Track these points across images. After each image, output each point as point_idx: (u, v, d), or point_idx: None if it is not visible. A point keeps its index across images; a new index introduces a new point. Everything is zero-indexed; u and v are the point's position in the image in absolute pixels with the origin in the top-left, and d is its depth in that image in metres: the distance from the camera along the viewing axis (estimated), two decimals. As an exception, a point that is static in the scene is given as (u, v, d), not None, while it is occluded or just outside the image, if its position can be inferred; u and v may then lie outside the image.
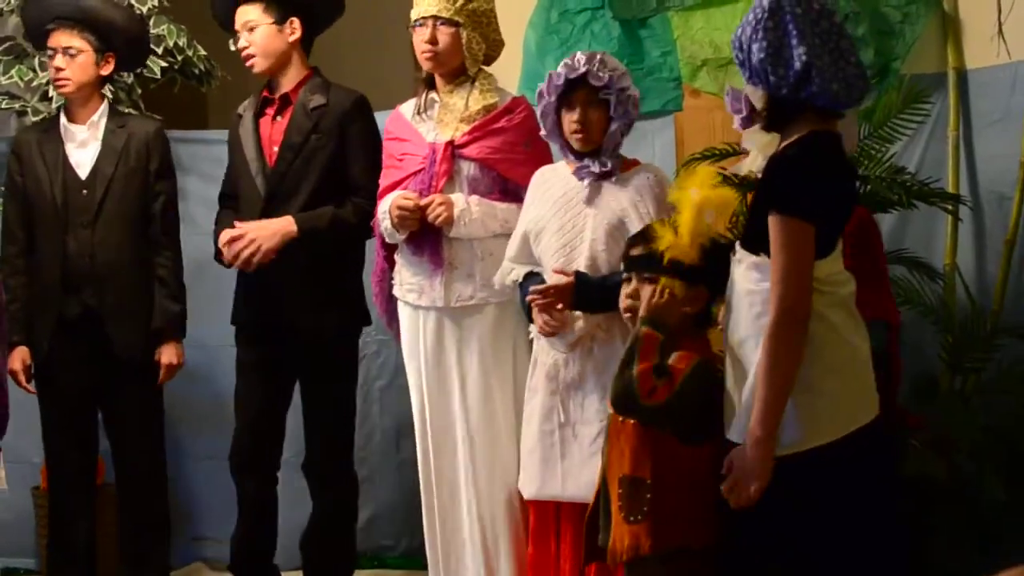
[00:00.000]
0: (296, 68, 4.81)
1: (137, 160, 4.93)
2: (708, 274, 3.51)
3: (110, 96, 5.40)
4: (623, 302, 3.62)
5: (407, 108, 4.61)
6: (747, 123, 3.73)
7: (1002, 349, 4.69)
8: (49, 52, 4.90)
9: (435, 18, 4.41)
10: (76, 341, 4.85)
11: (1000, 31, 4.76)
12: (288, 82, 4.80)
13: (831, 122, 3.34)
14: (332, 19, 4.95)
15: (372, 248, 4.81)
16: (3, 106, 5.90)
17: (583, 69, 4.04)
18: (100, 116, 4.96)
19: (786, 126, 3.32)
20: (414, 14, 4.48)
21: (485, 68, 4.52)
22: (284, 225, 4.65)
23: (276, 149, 4.74)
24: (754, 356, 3.26)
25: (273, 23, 4.74)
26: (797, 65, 3.22)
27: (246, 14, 4.75)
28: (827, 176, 3.30)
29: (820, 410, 3.24)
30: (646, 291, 3.54)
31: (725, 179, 3.73)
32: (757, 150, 3.38)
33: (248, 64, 4.80)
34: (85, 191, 4.87)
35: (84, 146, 4.94)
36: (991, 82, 4.90)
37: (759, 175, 3.41)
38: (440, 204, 4.33)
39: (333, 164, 4.72)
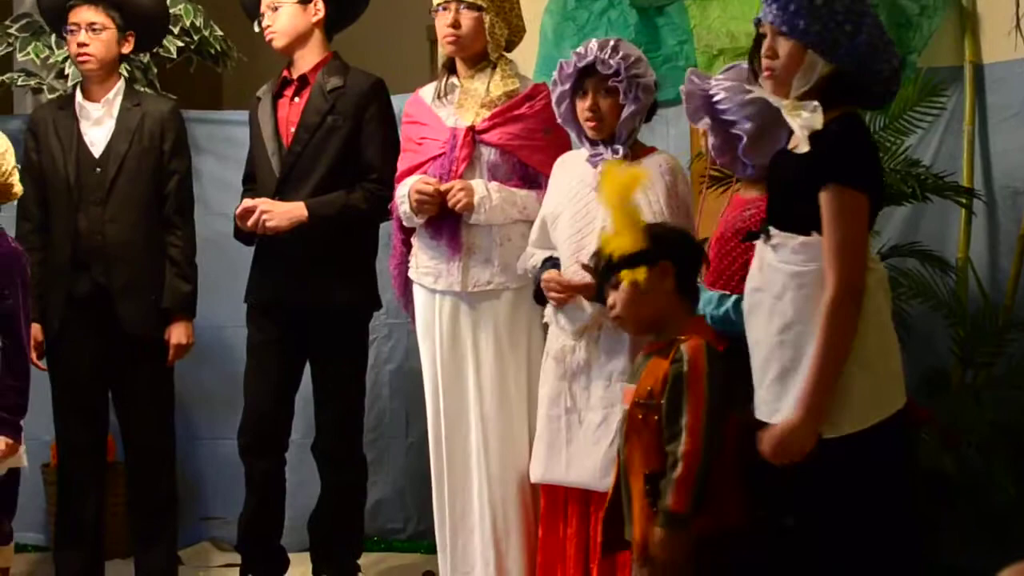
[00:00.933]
0: (316, 49, 4.83)
1: (151, 139, 4.93)
2: (662, 247, 3.53)
3: (126, 75, 5.41)
4: (609, 313, 3.66)
5: (427, 92, 4.61)
6: (697, 117, 3.80)
7: (1013, 344, 4.69)
8: (71, 28, 4.88)
9: (458, 2, 4.41)
10: (86, 319, 4.86)
11: (1017, 25, 4.75)
12: (307, 63, 4.82)
13: (856, 107, 3.39)
14: (357, 10, 4.97)
15: (388, 231, 4.82)
16: (19, 83, 5.94)
17: (592, 57, 4.05)
18: (116, 94, 4.96)
19: (828, 106, 3.32)
20: None
21: (506, 54, 4.52)
22: (295, 209, 4.67)
23: (293, 130, 4.77)
24: (807, 338, 3.24)
25: (297, 2, 4.76)
26: (896, 62, 3.33)
27: None
28: (874, 152, 3.35)
29: (874, 390, 3.24)
30: (614, 297, 3.57)
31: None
32: (819, 124, 3.34)
33: (268, 40, 4.82)
34: (98, 169, 4.87)
35: (99, 124, 4.94)
36: (1008, 76, 4.89)
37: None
38: (460, 190, 4.33)
39: (348, 146, 4.74)
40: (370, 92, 4.79)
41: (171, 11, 5.75)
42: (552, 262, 4.17)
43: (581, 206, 4.13)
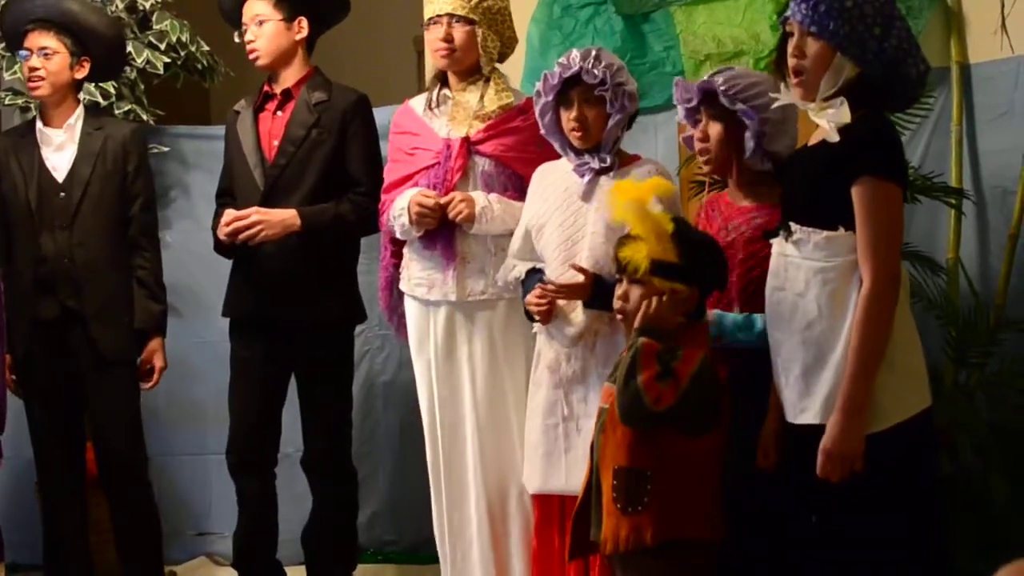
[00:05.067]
0: (298, 65, 4.83)
1: (114, 162, 4.93)
2: (695, 272, 3.50)
3: (113, 91, 5.42)
4: (615, 303, 3.62)
5: (417, 103, 4.61)
6: (691, 115, 3.82)
7: (1006, 343, 4.69)
8: (24, 53, 4.91)
9: (450, 16, 4.41)
10: (52, 342, 4.86)
11: (1003, 25, 4.75)
12: (290, 78, 4.82)
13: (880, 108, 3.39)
14: (337, 19, 4.97)
15: (369, 242, 4.81)
16: (6, 102, 5.93)
17: (577, 67, 4.05)
18: (76, 119, 4.96)
19: (855, 107, 3.32)
20: (428, 12, 4.48)
21: (498, 66, 4.52)
22: (288, 217, 4.66)
23: (276, 144, 4.76)
24: (832, 334, 3.24)
25: (282, 20, 4.76)
26: (923, 67, 3.32)
27: (255, 8, 4.77)
28: (902, 147, 3.35)
29: (901, 388, 3.24)
30: (635, 292, 3.53)
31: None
32: (847, 118, 3.34)
33: (252, 58, 4.82)
34: (62, 194, 4.88)
35: (61, 149, 4.94)
36: (994, 76, 4.90)
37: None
38: (461, 201, 4.32)
39: (333, 160, 4.74)
40: (354, 107, 4.79)
41: (157, 27, 5.81)
42: (535, 273, 4.18)
43: (569, 215, 4.13)
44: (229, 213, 4.69)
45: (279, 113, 4.82)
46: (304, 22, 4.79)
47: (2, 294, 4.43)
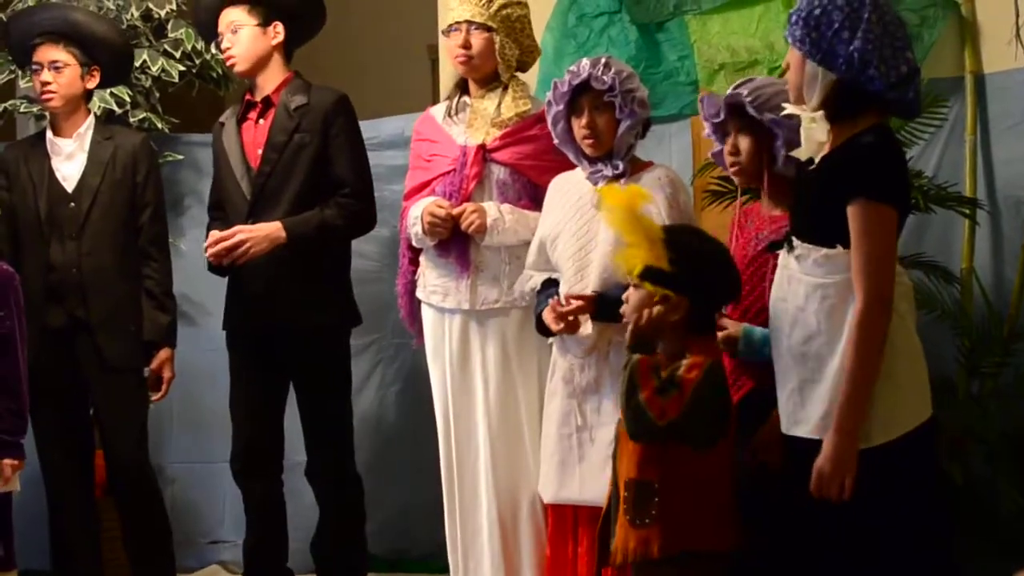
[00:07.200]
0: (277, 71, 4.84)
1: (124, 171, 4.95)
2: (687, 281, 3.46)
3: (128, 99, 5.42)
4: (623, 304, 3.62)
5: (438, 111, 4.63)
6: (718, 129, 3.81)
7: (1019, 353, 4.68)
8: (35, 66, 4.93)
9: (469, 23, 4.43)
10: (60, 350, 4.88)
11: (1017, 35, 4.76)
12: (269, 85, 4.83)
13: (887, 117, 3.38)
14: (314, 29, 5.00)
15: (385, 251, 4.80)
16: (22, 110, 5.96)
17: (586, 74, 4.05)
18: (87, 129, 4.99)
19: (850, 117, 3.31)
20: (448, 19, 4.51)
21: (518, 75, 4.53)
22: (273, 231, 4.66)
23: (260, 152, 4.76)
24: (829, 349, 3.25)
25: (257, 25, 4.78)
26: (904, 69, 3.26)
27: (230, 15, 4.80)
28: (903, 164, 3.34)
29: (901, 400, 3.23)
30: (633, 296, 3.52)
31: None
32: (822, 136, 3.34)
33: (229, 64, 4.86)
34: (72, 204, 4.90)
35: (71, 159, 4.96)
36: (1009, 86, 4.89)
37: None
38: (473, 212, 4.33)
39: (318, 163, 4.74)
40: (335, 107, 4.79)
41: (172, 35, 5.83)
42: (551, 284, 4.18)
43: (582, 223, 4.13)
44: (213, 235, 4.70)
45: (261, 121, 4.82)
46: (279, 27, 4.81)
47: (23, 299, 4.44)
